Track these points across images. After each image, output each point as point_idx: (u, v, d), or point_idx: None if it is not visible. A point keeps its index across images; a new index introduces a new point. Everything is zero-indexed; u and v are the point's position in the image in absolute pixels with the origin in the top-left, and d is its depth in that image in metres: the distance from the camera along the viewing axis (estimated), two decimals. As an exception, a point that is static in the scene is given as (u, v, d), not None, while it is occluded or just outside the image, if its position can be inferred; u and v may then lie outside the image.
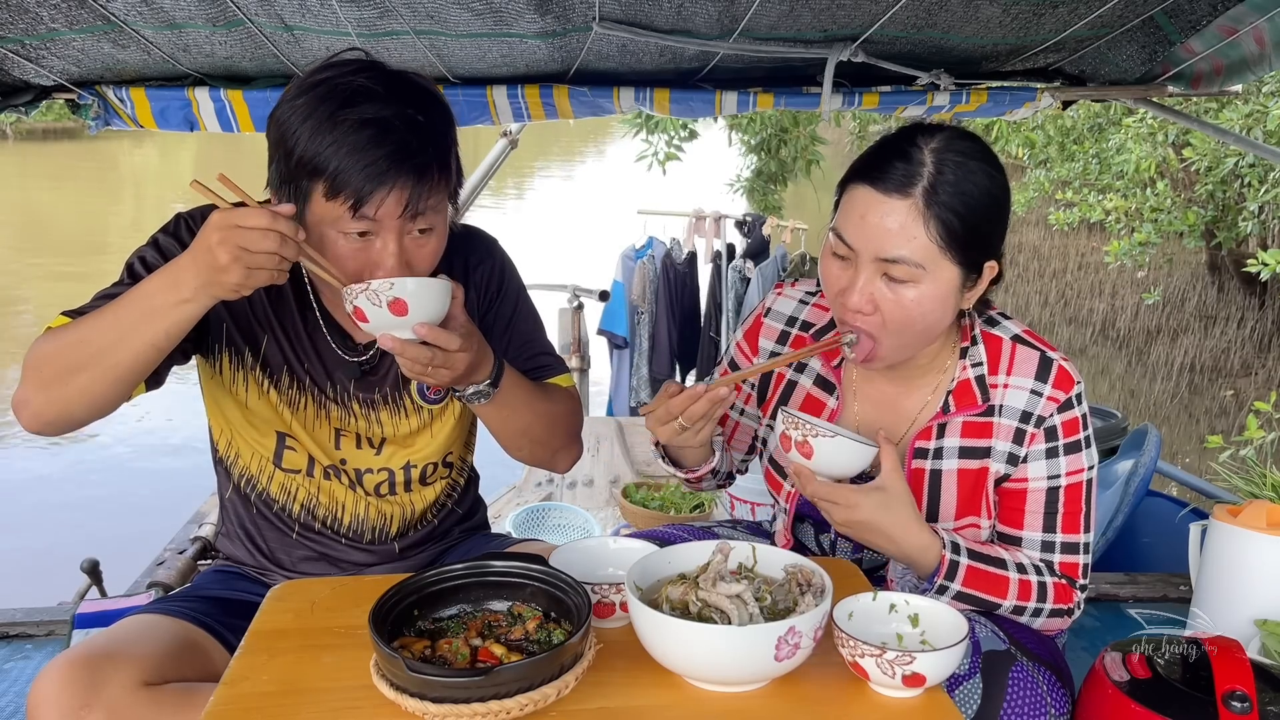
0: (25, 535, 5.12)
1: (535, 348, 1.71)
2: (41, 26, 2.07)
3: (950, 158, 1.39)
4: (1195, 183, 8.27)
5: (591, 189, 19.67)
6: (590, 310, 5.31)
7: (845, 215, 1.45)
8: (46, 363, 1.35)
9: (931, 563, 1.44)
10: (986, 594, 1.47)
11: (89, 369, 1.32)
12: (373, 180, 1.33)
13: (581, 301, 5.16)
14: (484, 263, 1.67)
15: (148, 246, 1.51)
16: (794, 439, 1.40)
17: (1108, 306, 10.01)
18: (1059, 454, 1.50)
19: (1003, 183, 1.44)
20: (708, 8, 2.08)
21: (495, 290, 1.68)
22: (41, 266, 12.41)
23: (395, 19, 2.10)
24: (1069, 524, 1.51)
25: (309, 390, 1.58)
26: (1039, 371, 1.51)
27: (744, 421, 1.79)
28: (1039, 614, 1.49)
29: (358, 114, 1.34)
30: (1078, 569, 1.52)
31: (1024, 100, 2.69)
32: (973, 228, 1.40)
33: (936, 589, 1.44)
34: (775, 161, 8.73)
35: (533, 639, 1.20)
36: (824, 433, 1.38)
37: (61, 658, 1.30)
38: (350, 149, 1.32)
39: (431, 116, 1.40)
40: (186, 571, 2.48)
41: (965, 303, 1.48)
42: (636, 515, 3.38)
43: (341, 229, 1.36)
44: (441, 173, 1.40)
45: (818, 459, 1.39)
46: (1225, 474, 2.07)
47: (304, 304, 1.56)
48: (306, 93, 1.37)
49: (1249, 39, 2.19)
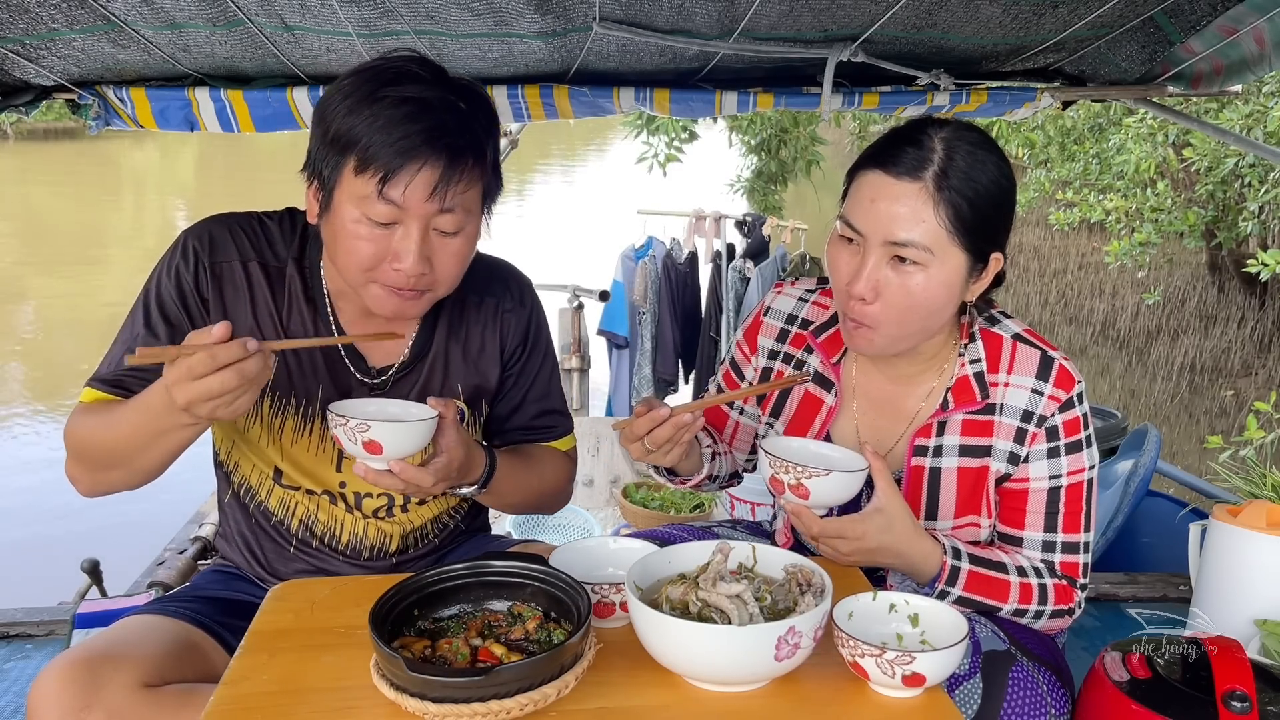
0: (25, 535, 5.11)
1: (547, 404, 1.71)
2: (41, 26, 2.07)
3: (961, 146, 1.41)
4: (1195, 183, 8.27)
5: (592, 189, 19.66)
6: (590, 310, 5.31)
7: (854, 200, 1.45)
8: (84, 453, 1.42)
9: (933, 569, 1.45)
10: (987, 598, 1.47)
11: (121, 468, 1.39)
12: (402, 155, 1.31)
13: (581, 301, 5.16)
14: (514, 312, 1.65)
15: (164, 278, 1.50)
16: (786, 483, 1.37)
17: (1108, 307, 10.01)
18: (1060, 454, 1.50)
19: (1009, 174, 1.46)
20: (708, 8, 2.08)
21: (520, 344, 1.66)
22: (41, 266, 12.41)
23: (395, 19, 2.10)
24: (1070, 524, 1.51)
25: (317, 416, 1.56)
26: (1040, 370, 1.51)
27: (744, 421, 1.79)
28: (1040, 616, 1.49)
29: (399, 92, 1.34)
30: (1078, 569, 1.52)
31: (1024, 100, 2.69)
32: (981, 214, 1.41)
33: (937, 595, 1.44)
34: (775, 162, 8.72)
35: (533, 639, 1.20)
36: (816, 472, 1.35)
37: (61, 659, 1.29)
38: (385, 123, 1.32)
39: (474, 108, 1.40)
40: (186, 571, 2.48)
41: (970, 295, 1.48)
42: (636, 515, 3.38)
43: (366, 211, 1.35)
44: (476, 162, 1.39)
45: (815, 497, 1.37)
46: (1225, 474, 2.07)
47: (322, 322, 1.55)
48: (355, 74, 1.38)
49: (1249, 39, 2.19)
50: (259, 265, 1.53)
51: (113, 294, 11.13)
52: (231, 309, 1.51)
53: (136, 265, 12.70)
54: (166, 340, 1.47)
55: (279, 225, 1.57)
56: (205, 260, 1.51)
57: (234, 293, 1.52)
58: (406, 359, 1.59)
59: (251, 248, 1.53)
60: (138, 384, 1.42)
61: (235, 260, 1.52)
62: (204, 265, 1.50)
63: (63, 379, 8.16)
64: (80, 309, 10.43)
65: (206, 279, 1.51)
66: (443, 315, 1.61)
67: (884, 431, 1.60)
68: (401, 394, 1.58)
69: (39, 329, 10.00)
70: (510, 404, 1.69)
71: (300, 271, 1.55)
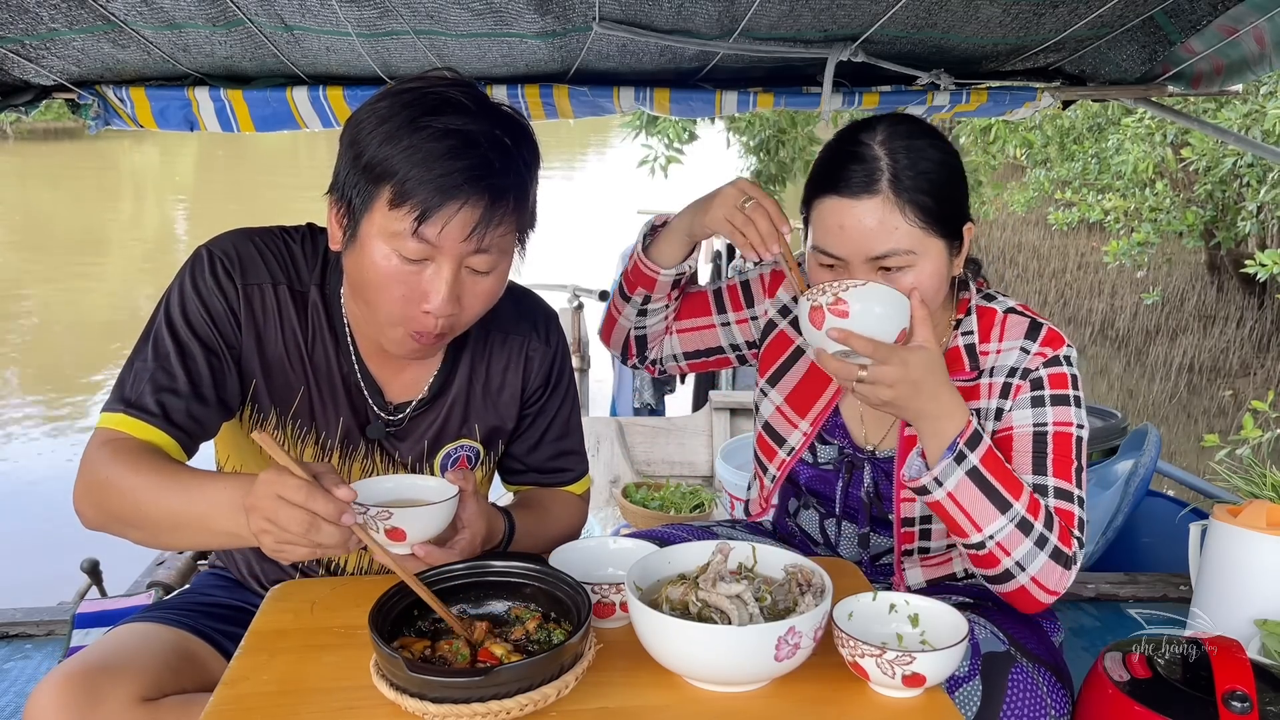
0: (25, 535, 5.11)
1: (565, 445, 1.67)
2: (41, 26, 2.07)
3: (899, 144, 1.44)
4: (1194, 183, 8.27)
5: (592, 189, 19.66)
6: (590, 310, 5.31)
7: (821, 230, 1.47)
8: (103, 498, 1.30)
9: (959, 426, 1.40)
10: (1001, 485, 1.40)
11: (142, 531, 1.30)
12: (443, 193, 1.23)
13: (581, 301, 5.16)
14: (540, 351, 1.60)
15: (190, 295, 1.41)
16: (825, 304, 1.35)
17: (1107, 306, 10.01)
18: (1045, 403, 1.49)
19: (949, 149, 1.49)
20: (708, 8, 2.08)
21: (543, 384, 1.62)
22: (41, 266, 12.40)
23: (395, 19, 2.10)
24: (1060, 469, 1.47)
25: (336, 449, 1.52)
26: (1028, 333, 1.53)
27: (718, 331, 1.78)
28: (1043, 544, 1.41)
29: (442, 123, 1.25)
30: (1073, 519, 1.46)
31: (1024, 100, 2.69)
32: (943, 199, 1.44)
33: (956, 456, 1.38)
34: (774, 162, 8.73)
35: (533, 639, 1.20)
36: (853, 284, 1.34)
37: (58, 671, 1.26)
38: (425, 156, 1.23)
39: (520, 145, 1.32)
40: (186, 571, 2.48)
41: (955, 269, 1.51)
42: (636, 515, 3.38)
43: (397, 248, 1.27)
44: (518, 204, 1.31)
45: (856, 312, 1.33)
46: (1225, 474, 2.07)
47: (344, 355, 1.49)
48: (391, 96, 1.29)
49: (1249, 39, 2.19)
50: (287, 289, 1.46)
51: (112, 294, 11.15)
52: (262, 333, 1.45)
53: (136, 266, 12.73)
54: (202, 362, 1.39)
55: (302, 246, 1.50)
56: (237, 280, 1.43)
57: (264, 317, 1.45)
58: (426, 397, 1.54)
59: (280, 270, 1.46)
60: (173, 410, 1.35)
61: (266, 283, 1.45)
62: (236, 284, 1.43)
63: (62, 379, 8.16)
64: (80, 309, 10.43)
65: (239, 299, 1.43)
66: (465, 351, 1.55)
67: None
68: (418, 431, 1.54)
69: (38, 329, 10.00)
70: (527, 443, 1.65)
71: (323, 298, 1.48)
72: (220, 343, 1.42)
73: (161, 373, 1.38)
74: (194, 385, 1.39)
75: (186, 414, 1.37)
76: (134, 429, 1.35)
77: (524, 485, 1.70)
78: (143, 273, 12.06)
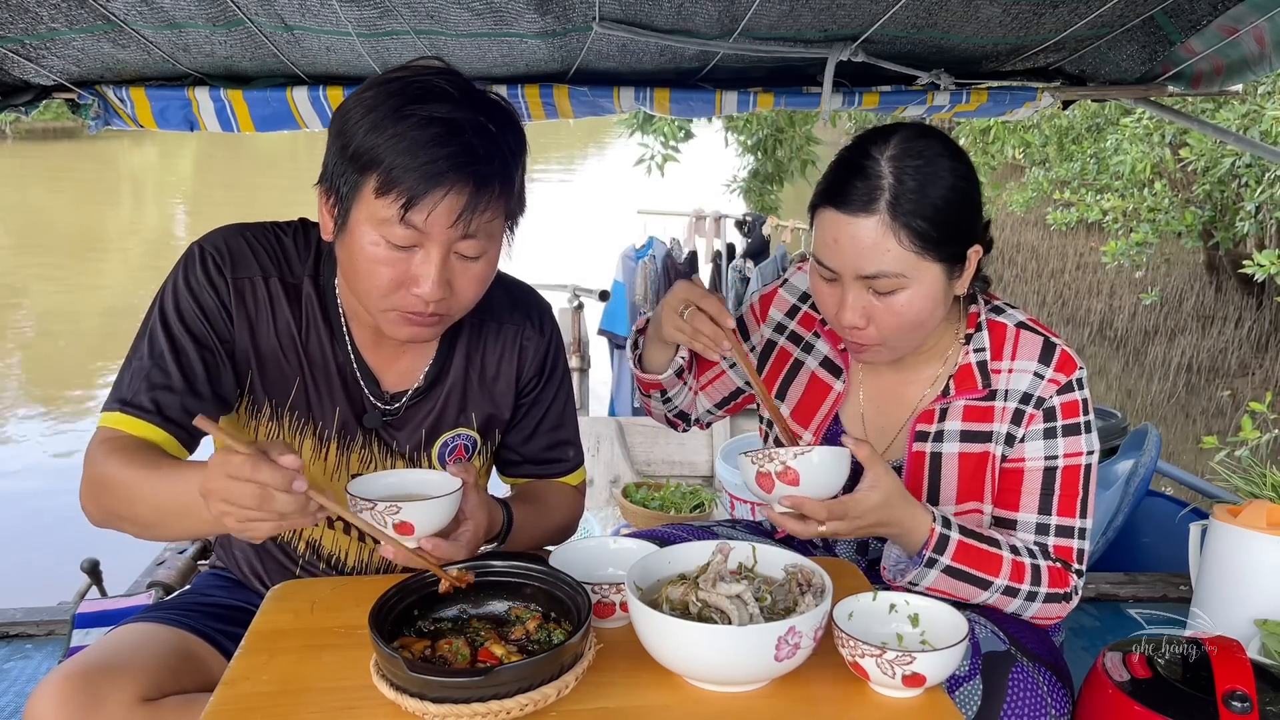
0: (25, 535, 5.11)
1: (560, 436, 1.68)
2: (41, 26, 2.07)
3: (908, 164, 1.40)
4: (1193, 183, 8.27)
5: (592, 189, 19.66)
6: (590, 310, 5.31)
7: (820, 240, 1.48)
8: (103, 494, 1.34)
9: (922, 539, 1.42)
10: (977, 570, 1.44)
11: (138, 524, 1.34)
12: (428, 180, 1.25)
13: (582, 301, 5.16)
14: (534, 340, 1.61)
15: (182, 291, 1.42)
16: (773, 471, 1.33)
17: (1105, 306, 10.01)
18: (1057, 435, 1.50)
19: (966, 172, 1.45)
20: (708, 8, 2.09)
21: (537, 373, 1.63)
22: (41, 266, 12.40)
23: (395, 19, 2.10)
24: (1065, 507, 1.50)
25: (333, 440, 1.52)
26: (1042, 355, 1.52)
27: (730, 374, 1.81)
28: (1034, 598, 1.47)
29: (427, 110, 1.27)
30: (1073, 553, 1.50)
31: (1024, 100, 2.69)
32: (944, 226, 1.41)
33: (925, 562, 1.42)
34: (772, 162, 8.73)
35: (533, 639, 1.20)
36: (799, 452, 1.33)
37: (58, 672, 1.26)
38: (410, 144, 1.25)
39: (505, 132, 1.33)
40: (186, 571, 2.48)
41: (958, 289, 1.50)
42: (636, 515, 3.38)
43: (386, 234, 1.29)
44: (503, 189, 1.33)
45: (806, 479, 1.32)
46: (1225, 474, 2.07)
47: (339, 345, 1.50)
48: (377, 86, 1.30)
49: (1249, 39, 2.19)
50: (279, 282, 1.47)
51: (112, 294, 11.14)
52: (255, 326, 1.46)
53: (135, 266, 12.72)
54: (195, 358, 1.41)
55: (294, 239, 1.51)
56: (227, 274, 1.44)
57: (256, 310, 1.46)
58: (422, 385, 1.54)
59: (271, 263, 1.47)
60: (168, 406, 1.37)
61: (257, 276, 1.46)
62: (226, 278, 1.44)
63: (62, 379, 8.16)
64: (79, 309, 10.43)
65: (229, 293, 1.44)
66: (460, 340, 1.56)
67: (888, 418, 1.62)
68: (415, 420, 1.55)
69: (37, 329, 10.00)
70: (523, 433, 1.66)
71: (317, 290, 1.49)
72: (213, 338, 1.44)
73: (156, 370, 1.39)
74: (188, 381, 1.40)
75: (182, 410, 1.38)
76: (131, 427, 1.37)
77: (521, 478, 1.71)
78: (142, 273, 12.04)
